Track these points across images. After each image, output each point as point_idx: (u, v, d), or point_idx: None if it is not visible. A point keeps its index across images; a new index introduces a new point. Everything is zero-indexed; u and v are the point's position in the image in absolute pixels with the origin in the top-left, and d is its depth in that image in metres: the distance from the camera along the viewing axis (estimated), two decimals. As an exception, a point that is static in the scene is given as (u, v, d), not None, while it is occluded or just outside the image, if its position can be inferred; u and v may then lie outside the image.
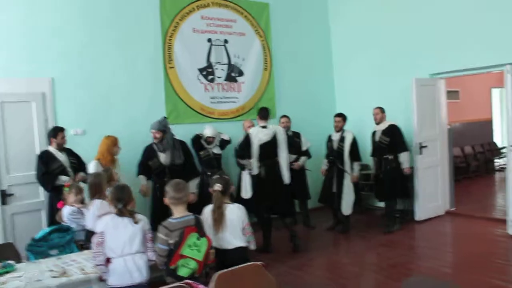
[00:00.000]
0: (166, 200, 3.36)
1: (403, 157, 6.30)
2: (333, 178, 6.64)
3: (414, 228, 6.60)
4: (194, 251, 3.21)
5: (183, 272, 3.17)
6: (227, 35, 7.23)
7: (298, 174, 6.84)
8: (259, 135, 5.76)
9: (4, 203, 5.31)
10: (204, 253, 3.24)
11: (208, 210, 3.74)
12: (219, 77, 7.15)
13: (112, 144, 5.30)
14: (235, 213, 3.74)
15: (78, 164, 5.36)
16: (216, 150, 6.60)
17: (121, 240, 3.21)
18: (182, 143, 5.73)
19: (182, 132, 6.30)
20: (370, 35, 7.85)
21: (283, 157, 5.81)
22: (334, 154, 6.63)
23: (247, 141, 5.82)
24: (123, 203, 3.28)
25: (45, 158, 5.09)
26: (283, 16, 7.92)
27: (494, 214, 6.98)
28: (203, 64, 7.00)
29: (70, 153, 5.36)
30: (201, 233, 3.27)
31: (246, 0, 7.43)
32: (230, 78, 7.27)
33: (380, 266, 5.24)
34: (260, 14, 7.59)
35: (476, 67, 6.53)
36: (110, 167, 5.01)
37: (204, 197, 5.59)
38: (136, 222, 3.26)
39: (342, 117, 6.70)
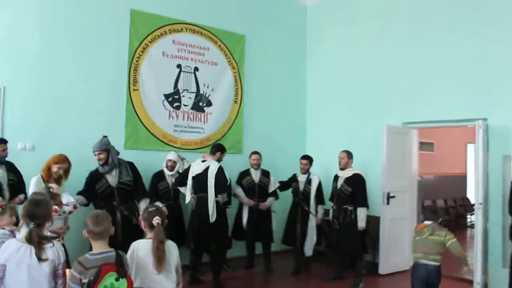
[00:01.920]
0: (85, 233, 2.94)
1: (361, 214, 5.86)
2: (297, 219, 6.44)
3: (377, 282, 6.21)
4: (110, 294, 2.77)
5: (94, 317, 2.72)
6: (198, 63, 6.95)
7: (264, 215, 6.52)
8: (195, 166, 5.64)
9: None
10: (122, 297, 2.81)
11: (142, 246, 3.31)
12: (185, 105, 6.82)
13: (53, 161, 4.70)
14: (171, 250, 3.36)
15: (17, 183, 4.87)
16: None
17: (24, 280, 2.71)
18: (129, 163, 5.37)
19: (141, 158, 5.94)
20: (345, 78, 7.67)
21: (209, 192, 5.48)
22: (299, 196, 6.44)
23: (186, 170, 5.75)
24: (36, 223, 2.79)
25: None
26: (259, 50, 7.71)
27: (462, 274, 6.63)
28: (170, 90, 6.68)
29: (10, 168, 4.88)
30: (122, 273, 2.83)
31: (222, 30, 7.21)
32: (197, 108, 6.94)
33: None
34: (235, 45, 7.37)
35: (450, 119, 6.36)
36: (53, 186, 4.48)
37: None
38: (42, 259, 2.75)
39: (308, 159, 6.57)
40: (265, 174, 6.64)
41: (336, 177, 6.23)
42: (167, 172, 6.10)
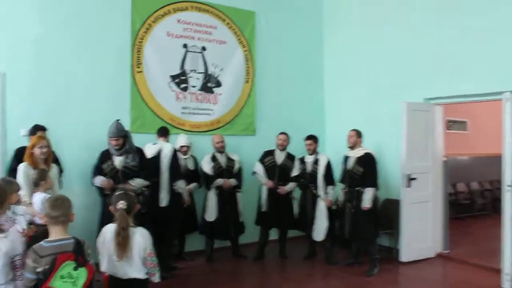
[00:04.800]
0: (43, 218, 2.74)
1: (368, 194, 5.49)
2: (306, 203, 6.10)
3: (396, 270, 5.80)
4: (67, 284, 2.59)
5: (51, 308, 2.52)
6: (206, 42, 6.66)
7: (283, 200, 6.19)
8: (147, 150, 5.36)
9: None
10: (81, 287, 2.60)
11: (109, 230, 3.10)
12: (193, 86, 6.56)
13: (34, 142, 4.34)
14: (136, 239, 3.09)
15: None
16: (190, 165, 6.03)
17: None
18: (137, 148, 5.09)
19: (148, 142, 5.71)
20: (365, 54, 7.16)
21: (163, 177, 5.29)
22: (307, 177, 6.10)
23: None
24: None
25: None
26: (271, 27, 7.32)
27: (491, 262, 6.05)
28: (176, 71, 6.43)
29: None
30: (80, 262, 2.62)
31: (230, 7, 6.85)
32: (205, 89, 6.67)
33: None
34: (245, 23, 7.00)
35: (477, 93, 5.76)
36: (45, 169, 4.28)
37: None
38: None
39: (313, 139, 6.21)
40: (290, 157, 6.29)
41: (346, 158, 5.85)
42: (181, 156, 5.86)
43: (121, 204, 3.05)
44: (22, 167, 4.24)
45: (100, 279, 3.07)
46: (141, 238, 3.11)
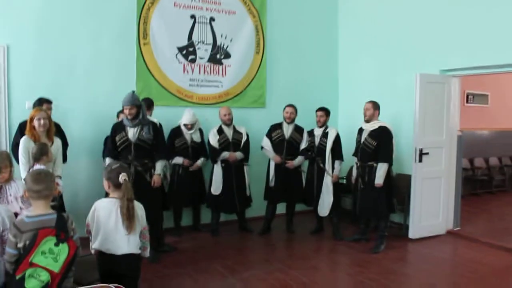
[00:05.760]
0: (25, 193, 2.72)
1: (381, 169, 5.33)
2: (313, 177, 5.99)
3: (404, 247, 5.68)
4: (48, 260, 2.56)
5: (31, 284, 2.51)
6: (214, 12, 6.48)
7: (292, 174, 6.11)
8: None
9: None
10: (62, 263, 2.59)
11: (103, 206, 3.06)
12: (201, 58, 6.43)
13: (33, 115, 4.31)
14: (137, 212, 3.08)
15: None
16: (196, 137, 5.96)
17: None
18: (152, 122, 4.99)
19: (154, 114, 5.67)
20: (381, 23, 6.87)
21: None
22: (314, 151, 5.98)
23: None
24: None
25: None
26: (282, -4, 7.07)
27: (504, 241, 5.86)
28: (184, 42, 6.29)
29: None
30: (62, 237, 2.60)
31: (239, -25, 6.64)
32: (214, 60, 6.53)
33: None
34: (255, -9, 6.79)
35: (496, 64, 5.41)
36: (45, 143, 4.23)
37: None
38: None
39: (324, 111, 6.02)
40: (298, 130, 6.16)
41: (360, 130, 5.69)
42: (185, 130, 5.85)
43: (124, 176, 3.02)
44: (22, 141, 4.26)
45: (86, 255, 3.06)
46: (140, 210, 3.12)
